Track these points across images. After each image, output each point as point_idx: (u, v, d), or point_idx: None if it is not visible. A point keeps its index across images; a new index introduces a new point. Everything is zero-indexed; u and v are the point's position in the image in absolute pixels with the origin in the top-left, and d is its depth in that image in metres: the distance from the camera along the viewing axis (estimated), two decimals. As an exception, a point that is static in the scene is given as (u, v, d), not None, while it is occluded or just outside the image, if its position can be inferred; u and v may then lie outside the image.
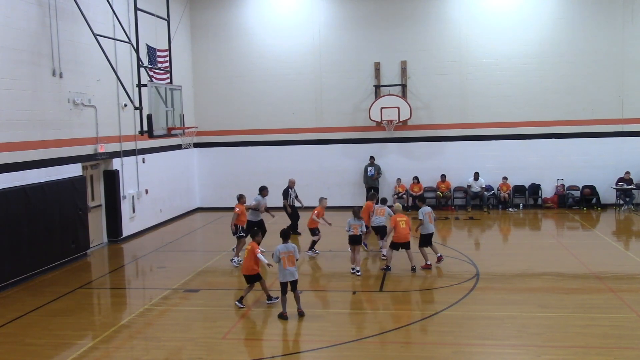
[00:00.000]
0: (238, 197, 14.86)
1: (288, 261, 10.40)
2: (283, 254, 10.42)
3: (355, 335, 9.79)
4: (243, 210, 14.64)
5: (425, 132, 22.40)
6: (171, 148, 20.91)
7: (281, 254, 10.42)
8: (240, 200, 14.74)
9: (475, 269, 13.45)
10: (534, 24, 21.64)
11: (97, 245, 16.93)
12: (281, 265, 10.40)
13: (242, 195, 14.91)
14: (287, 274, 10.41)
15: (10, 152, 13.16)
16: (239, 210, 14.49)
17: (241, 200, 14.77)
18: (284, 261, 10.38)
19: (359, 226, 13.32)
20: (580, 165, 21.79)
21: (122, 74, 16.37)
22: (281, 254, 10.42)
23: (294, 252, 10.55)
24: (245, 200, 14.85)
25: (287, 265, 10.38)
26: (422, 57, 22.12)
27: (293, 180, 18.51)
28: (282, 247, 10.51)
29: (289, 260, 10.41)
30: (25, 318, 10.98)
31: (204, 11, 23.07)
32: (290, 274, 10.41)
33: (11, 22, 13.26)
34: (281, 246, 10.52)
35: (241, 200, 14.77)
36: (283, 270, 10.42)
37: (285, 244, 10.59)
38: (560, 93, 21.65)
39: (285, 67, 22.75)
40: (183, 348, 9.38)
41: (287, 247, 10.52)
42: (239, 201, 14.71)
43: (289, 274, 10.41)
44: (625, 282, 12.49)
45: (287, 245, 10.55)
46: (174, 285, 12.92)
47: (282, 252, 10.43)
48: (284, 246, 10.52)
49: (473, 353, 9.02)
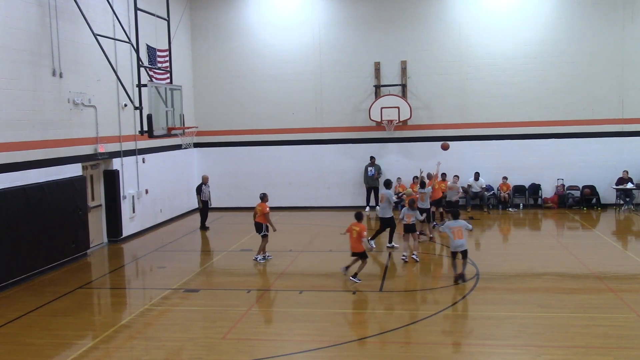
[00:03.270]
0: (262, 196, 14.80)
1: (457, 234, 12.16)
2: (453, 228, 12.23)
3: (355, 335, 9.79)
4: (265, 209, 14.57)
5: (425, 132, 22.40)
6: (171, 148, 20.91)
7: (451, 228, 12.26)
8: (264, 200, 14.70)
9: (475, 269, 13.43)
10: (534, 24, 21.64)
11: (97, 245, 16.93)
12: (451, 237, 12.22)
13: (265, 194, 14.90)
14: (457, 245, 12.21)
15: (10, 152, 13.16)
16: (266, 209, 14.46)
17: (265, 199, 14.72)
18: (454, 234, 12.17)
19: (413, 215, 14.18)
20: (580, 165, 21.78)
21: (122, 74, 16.37)
22: (451, 228, 12.25)
23: (463, 227, 12.30)
24: (267, 199, 14.80)
25: (457, 237, 12.18)
26: (422, 57, 22.12)
27: (207, 176, 19.58)
28: (452, 222, 12.41)
29: (458, 234, 12.17)
30: (25, 318, 10.98)
31: (204, 11, 23.08)
32: (460, 245, 12.21)
33: (11, 22, 13.26)
34: (451, 222, 12.45)
35: (265, 199, 14.72)
36: (453, 242, 12.23)
37: (456, 219, 12.45)
38: (560, 93, 21.65)
39: (285, 67, 22.76)
40: (183, 348, 9.38)
41: (457, 222, 12.36)
42: (263, 200, 14.66)
43: (459, 245, 12.21)
44: (625, 282, 12.49)
45: (457, 221, 12.38)
46: (174, 285, 12.92)
47: (452, 227, 12.27)
48: (454, 222, 12.39)
49: (473, 353, 9.02)
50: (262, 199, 14.70)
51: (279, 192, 22.85)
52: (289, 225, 20.02)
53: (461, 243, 12.25)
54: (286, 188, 23.00)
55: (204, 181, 19.30)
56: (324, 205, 22.72)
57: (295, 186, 23.02)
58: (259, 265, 14.51)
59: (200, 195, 19.17)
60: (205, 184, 19.22)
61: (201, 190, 19.17)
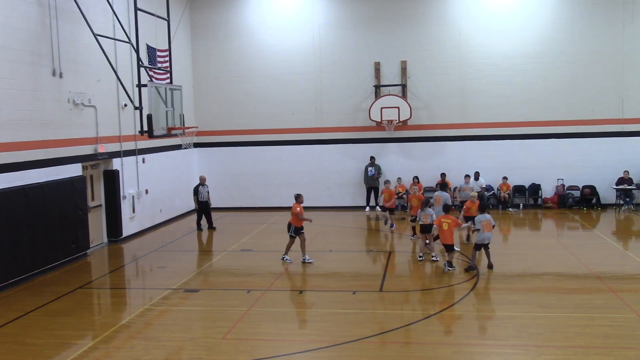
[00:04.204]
0: (295, 196, 14.64)
1: (486, 227, 13.13)
2: (483, 222, 13.14)
3: (355, 335, 9.79)
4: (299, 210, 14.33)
5: (425, 132, 22.40)
6: (171, 148, 20.91)
7: (481, 222, 13.15)
8: (297, 200, 14.54)
9: (475, 268, 13.43)
10: (534, 24, 21.64)
11: (97, 245, 16.92)
12: (481, 230, 13.11)
13: (300, 195, 14.67)
14: (485, 237, 13.16)
15: (10, 152, 13.16)
16: (299, 209, 14.28)
17: (297, 199, 14.55)
18: (484, 227, 13.12)
19: (429, 215, 14.46)
20: (580, 165, 21.79)
21: (122, 74, 16.37)
22: (481, 222, 13.15)
23: (490, 220, 13.27)
24: (302, 200, 14.58)
25: (486, 230, 13.12)
26: (422, 57, 22.12)
27: (204, 177, 19.49)
28: (482, 216, 13.26)
29: (487, 227, 13.15)
30: (25, 318, 10.98)
31: (204, 11, 23.08)
32: (487, 237, 13.22)
33: (11, 22, 13.27)
34: (481, 216, 13.29)
35: (297, 199, 14.55)
36: (482, 234, 13.14)
37: (483, 214, 13.38)
38: (560, 93, 21.65)
39: (285, 67, 22.76)
40: (183, 348, 9.38)
41: (485, 216, 13.29)
42: (297, 200, 14.51)
43: (486, 237, 13.19)
44: (625, 282, 12.49)
45: (485, 215, 13.32)
46: (174, 285, 12.92)
47: (482, 221, 13.16)
48: (483, 216, 13.30)
49: (473, 353, 9.01)
50: (296, 199, 14.54)
51: (279, 192, 22.86)
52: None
53: (488, 236, 13.23)
54: (286, 188, 22.92)
55: (201, 182, 19.23)
56: (324, 205, 22.70)
57: (295, 186, 22.87)
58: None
59: (197, 196, 19.11)
60: (203, 185, 19.15)
61: (198, 191, 19.08)
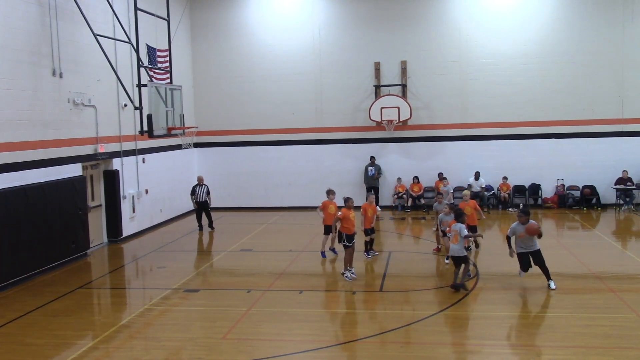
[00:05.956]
0: (344, 199, 13.29)
1: (454, 238, 12.23)
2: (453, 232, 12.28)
3: (355, 335, 9.79)
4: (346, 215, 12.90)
5: (425, 132, 22.41)
6: (171, 148, 20.91)
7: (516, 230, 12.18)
8: (347, 204, 13.11)
9: (475, 269, 13.44)
10: (534, 24, 21.64)
11: (97, 245, 16.93)
12: (451, 239, 12.46)
13: (349, 198, 13.24)
14: (452, 249, 12.23)
15: (10, 152, 13.16)
16: (342, 214, 12.98)
17: (348, 203, 13.11)
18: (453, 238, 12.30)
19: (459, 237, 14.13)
20: (580, 165, 21.79)
21: (122, 74, 16.37)
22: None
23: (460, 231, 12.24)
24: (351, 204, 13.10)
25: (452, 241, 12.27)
26: (422, 57, 22.13)
27: (201, 177, 19.43)
28: (454, 225, 12.36)
29: (455, 238, 12.23)
30: (25, 318, 10.98)
31: (204, 11, 23.08)
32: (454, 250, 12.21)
33: (11, 22, 13.27)
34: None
35: (348, 203, 13.11)
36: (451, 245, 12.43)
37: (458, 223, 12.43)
38: (560, 93, 21.66)
39: (285, 67, 22.76)
40: (183, 348, 9.38)
41: (457, 226, 12.34)
42: (346, 204, 13.11)
43: (453, 249, 12.22)
44: (625, 282, 12.49)
45: (457, 225, 12.33)
46: (174, 285, 12.92)
47: (453, 230, 12.32)
48: (455, 225, 12.40)
49: (473, 353, 9.01)
50: (345, 203, 13.20)
51: (279, 192, 22.89)
52: (289, 225, 20.05)
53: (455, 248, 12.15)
54: (286, 188, 23.02)
55: (199, 182, 19.13)
56: (324, 205, 22.68)
57: (295, 186, 23.01)
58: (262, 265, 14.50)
59: (195, 196, 19.03)
60: (200, 185, 19.03)
61: (195, 192, 19.01)
